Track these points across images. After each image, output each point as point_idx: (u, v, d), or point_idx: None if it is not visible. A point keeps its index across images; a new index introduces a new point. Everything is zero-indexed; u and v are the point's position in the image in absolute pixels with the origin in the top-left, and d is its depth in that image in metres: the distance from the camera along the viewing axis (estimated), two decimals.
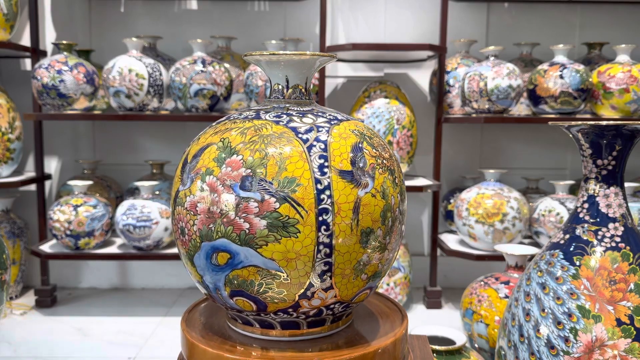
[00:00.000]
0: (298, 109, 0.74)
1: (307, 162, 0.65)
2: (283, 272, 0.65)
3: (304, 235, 0.64)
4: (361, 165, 0.68)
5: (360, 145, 0.70)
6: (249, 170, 0.64)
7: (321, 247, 0.65)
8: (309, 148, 0.66)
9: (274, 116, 0.71)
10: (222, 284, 0.69)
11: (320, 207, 0.64)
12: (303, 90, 0.77)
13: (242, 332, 0.76)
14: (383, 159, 0.72)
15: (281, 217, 0.63)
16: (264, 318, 0.72)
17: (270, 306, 0.69)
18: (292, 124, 0.69)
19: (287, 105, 0.75)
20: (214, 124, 0.75)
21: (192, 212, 0.68)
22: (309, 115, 0.72)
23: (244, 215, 0.64)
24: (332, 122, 0.71)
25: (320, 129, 0.69)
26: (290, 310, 0.69)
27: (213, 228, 0.66)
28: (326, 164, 0.66)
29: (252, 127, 0.69)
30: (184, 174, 0.70)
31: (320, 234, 0.64)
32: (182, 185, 0.70)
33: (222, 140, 0.69)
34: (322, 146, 0.67)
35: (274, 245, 0.64)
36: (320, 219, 0.64)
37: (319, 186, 0.64)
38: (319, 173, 0.65)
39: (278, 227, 0.63)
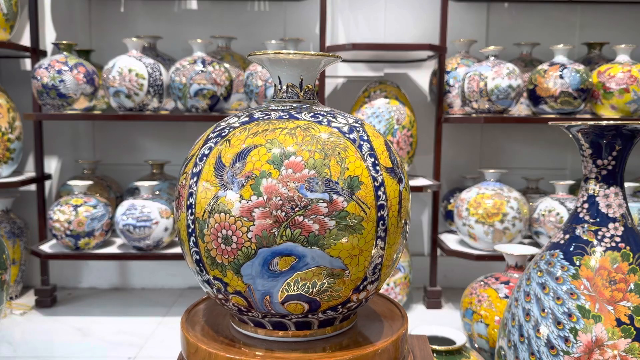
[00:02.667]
0: (320, 109, 0.74)
1: (362, 161, 0.68)
2: (347, 269, 0.67)
3: (367, 231, 0.67)
4: (395, 162, 0.73)
5: (388, 143, 0.74)
6: (313, 171, 0.64)
7: (378, 241, 0.68)
8: (359, 147, 0.69)
9: (310, 116, 0.71)
10: (278, 289, 0.67)
11: (379, 203, 0.67)
12: (310, 90, 0.78)
13: (245, 333, 0.76)
14: (400, 156, 0.76)
15: (349, 216, 0.65)
16: (310, 319, 0.71)
17: (324, 305, 0.69)
18: (334, 125, 0.70)
19: (306, 105, 0.75)
20: (236, 124, 0.71)
21: (245, 218, 0.64)
22: (338, 116, 0.73)
23: (312, 216, 0.64)
24: (359, 122, 0.74)
25: (358, 130, 0.71)
26: (339, 306, 0.71)
27: (277, 232, 0.64)
28: (377, 162, 0.69)
29: (297, 127, 0.68)
30: (224, 179, 0.66)
31: (378, 228, 0.68)
32: (224, 191, 0.65)
33: (270, 141, 0.66)
34: (368, 145, 0.70)
35: (341, 244, 0.65)
36: (379, 214, 0.67)
37: (375, 183, 0.68)
38: (373, 171, 0.68)
39: (346, 226, 0.65)
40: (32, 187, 2.18)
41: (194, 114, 1.84)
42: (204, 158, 0.69)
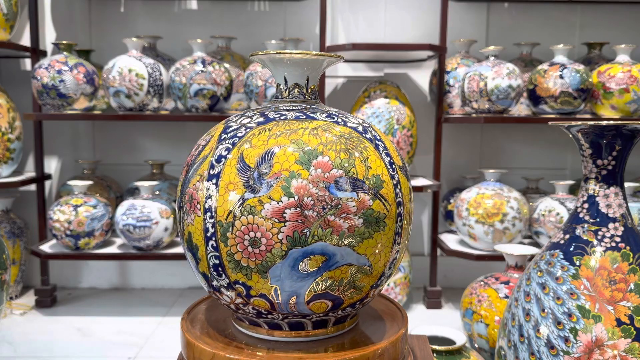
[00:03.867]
0: (329, 109, 0.75)
1: (381, 159, 0.70)
2: (371, 266, 0.69)
3: (389, 228, 0.69)
4: (403, 161, 0.75)
5: (393, 144, 0.75)
6: (341, 171, 0.65)
7: (397, 237, 0.71)
8: (376, 147, 0.70)
9: (326, 116, 0.72)
10: (305, 289, 0.67)
11: (397, 200, 0.70)
12: (313, 90, 0.78)
13: (246, 332, 0.75)
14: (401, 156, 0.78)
15: (374, 214, 0.67)
16: (328, 317, 0.72)
17: (346, 302, 0.70)
18: (350, 124, 0.71)
19: (314, 105, 0.75)
20: (252, 124, 0.70)
21: (276, 220, 0.63)
22: (347, 116, 0.75)
23: (343, 215, 0.65)
24: (367, 123, 0.76)
25: (370, 130, 0.73)
26: (357, 303, 0.72)
27: (308, 232, 0.64)
28: (392, 160, 0.72)
29: (318, 127, 0.68)
30: (250, 180, 0.65)
31: (397, 225, 0.70)
32: (253, 193, 0.64)
33: (295, 142, 0.66)
34: (383, 145, 0.72)
35: (367, 241, 0.67)
36: (397, 211, 0.70)
37: (393, 181, 0.70)
38: (391, 169, 0.70)
39: (372, 223, 0.67)
40: (32, 187, 2.18)
41: (194, 114, 1.84)
42: (223, 159, 0.67)
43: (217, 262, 0.68)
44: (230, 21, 2.17)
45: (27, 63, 2.19)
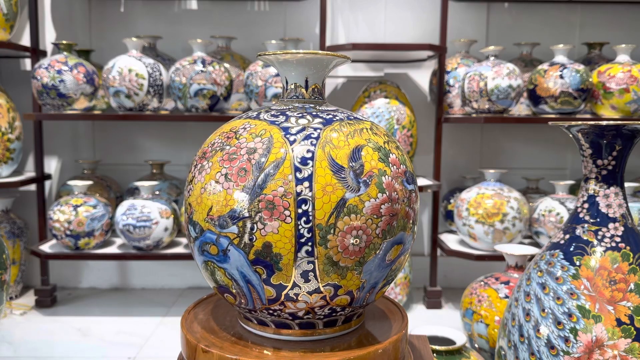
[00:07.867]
0: (340, 108, 0.78)
1: (407, 155, 0.77)
2: (410, 248, 0.77)
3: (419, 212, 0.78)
4: None
5: None
6: (405, 166, 0.72)
7: None
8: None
9: (362, 117, 0.76)
10: (383, 278, 0.72)
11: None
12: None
13: (251, 330, 0.75)
14: None
15: (418, 201, 0.76)
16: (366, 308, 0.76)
17: (394, 283, 0.79)
18: (377, 126, 0.77)
19: (330, 107, 0.77)
20: (317, 125, 0.69)
21: (375, 216, 0.67)
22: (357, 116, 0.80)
23: (412, 205, 0.72)
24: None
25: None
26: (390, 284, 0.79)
27: (395, 224, 0.69)
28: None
29: (372, 127, 0.73)
30: (348, 180, 0.65)
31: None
32: (353, 192, 0.65)
33: (369, 141, 0.70)
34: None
35: (414, 226, 0.74)
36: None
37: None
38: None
39: (417, 210, 0.75)
40: (32, 187, 2.18)
41: (194, 114, 1.84)
42: (309, 162, 0.65)
43: (310, 267, 0.65)
44: (230, 21, 2.17)
45: (27, 63, 2.19)
